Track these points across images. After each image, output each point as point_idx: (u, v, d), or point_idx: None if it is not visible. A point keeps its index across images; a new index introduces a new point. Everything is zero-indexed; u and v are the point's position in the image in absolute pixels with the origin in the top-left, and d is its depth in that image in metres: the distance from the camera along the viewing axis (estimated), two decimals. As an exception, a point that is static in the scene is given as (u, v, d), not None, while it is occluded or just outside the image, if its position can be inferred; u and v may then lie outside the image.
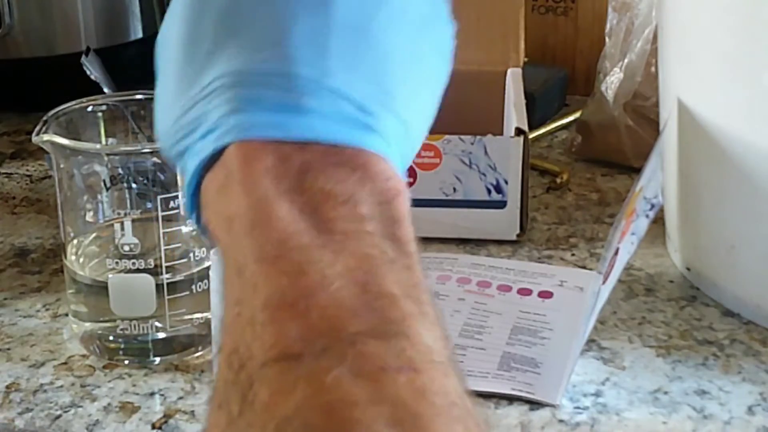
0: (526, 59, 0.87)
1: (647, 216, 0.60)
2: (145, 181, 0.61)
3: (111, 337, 0.63)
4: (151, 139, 0.63)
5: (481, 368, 0.61)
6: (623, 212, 0.60)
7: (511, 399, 0.59)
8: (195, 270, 0.62)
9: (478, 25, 0.87)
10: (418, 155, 0.74)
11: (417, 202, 0.75)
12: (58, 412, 0.59)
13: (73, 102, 0.64)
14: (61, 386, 0.61)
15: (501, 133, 0.79)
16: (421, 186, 0.75)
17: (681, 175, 0.70)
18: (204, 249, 0.62)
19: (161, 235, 0.61)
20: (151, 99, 0.41)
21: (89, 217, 0.63)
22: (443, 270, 0.72)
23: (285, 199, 0.34)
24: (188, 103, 0.37)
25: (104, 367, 0.63)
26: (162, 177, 0.61)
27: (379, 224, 0.34)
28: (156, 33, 0.41)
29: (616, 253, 0.59)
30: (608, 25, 0.90)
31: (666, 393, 0.60)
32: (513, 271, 0.72)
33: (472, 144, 0.74)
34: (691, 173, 0.69)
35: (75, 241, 0.64)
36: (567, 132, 0.97)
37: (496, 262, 0.73)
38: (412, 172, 0.75)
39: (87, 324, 0.64)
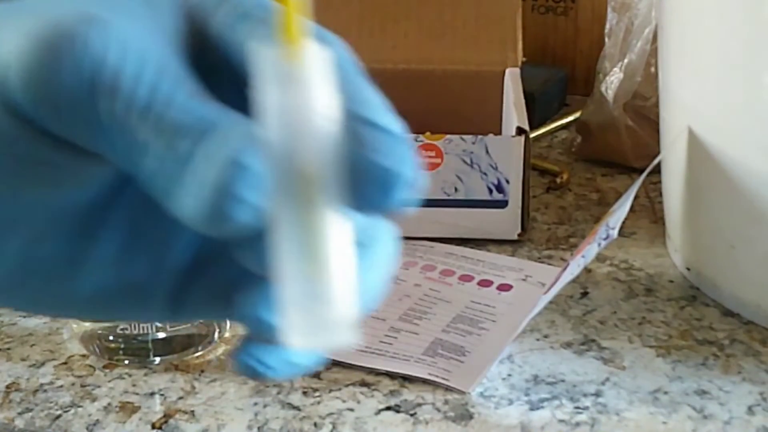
0: (524, 59, 0.87)
1: (599, 244, 0.60)
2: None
3: (111, 337, 0.63)
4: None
5: (407, 352, 0.62)
6: (593, 230, 0.61)
7: (511, 399, 0.59)
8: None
9: (475, 25, 0.87)
10: (420, 155, 0.75)
11: (418, 202, 0.76)
12: (58, 412, 0.59)
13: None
14: (61, 386, 0.61)
15: (499, 134, 0.79)
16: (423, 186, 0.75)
17: (681, 175, 0.70)
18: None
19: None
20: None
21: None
22: (414, 257, 0.73)
23: None
24: None
25: (104, 367, 0.63)
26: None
27: None
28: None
29: (565, 268, 0.59)
30: (608, 25, 0.90)
31: (666, 393, 0.60)
32: (483, 263, 0.72)
33: (474, 144, 0.74)
34: (691, 173, 0.69)
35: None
36: (567, 132, 0.97)
37: (473, 254, 0.74)
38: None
39: (87, 324, 0.64)
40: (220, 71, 0.28)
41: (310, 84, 0.25)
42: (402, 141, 0.26)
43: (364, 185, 0.26)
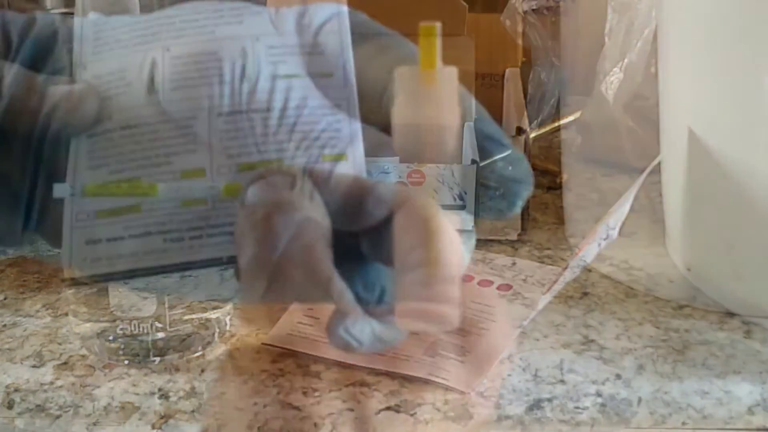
0: (524, 59, 0.87)
1: (599, 244, 0.61)
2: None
3: (111, 337, 0.63)
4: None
5: (408, 352, 0.62)
6: (593, 230, 0.61)
7: (511, 399, 0.59)
8: (195, 270, 0.62)
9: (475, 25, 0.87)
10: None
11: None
12: (58, 412, 0.59)
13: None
14: (61, 386, 0.61)
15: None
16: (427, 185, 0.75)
17: (681, 175, 0.70)
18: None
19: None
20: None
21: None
22: None
23: None
24: None
25: (104, 367, 0.63)
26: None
27: None
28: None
29: (565, 268, 0.59)
30: (608, 25, 0.90)
31: (666, 393, 0.60)
32: (483, 263, 0.73)
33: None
34: (691, 173, 0.69)
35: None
36: (567, 132, 0.97)
37: (476, 255, 0.74)
38: (419, 172, 0.75)
39: (87, 324, 0.64)
40: None
41: (441, 99, 0.29)
42: (524, 159, 0.30)
43: (493, 193, 0.29)
